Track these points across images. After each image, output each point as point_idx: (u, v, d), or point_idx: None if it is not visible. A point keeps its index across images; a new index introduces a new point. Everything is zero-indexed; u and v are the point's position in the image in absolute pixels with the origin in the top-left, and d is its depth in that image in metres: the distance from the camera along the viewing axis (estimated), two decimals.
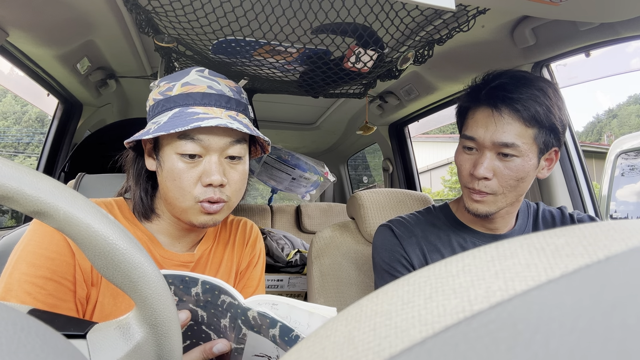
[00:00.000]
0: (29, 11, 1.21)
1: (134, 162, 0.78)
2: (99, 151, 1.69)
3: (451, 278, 0.15)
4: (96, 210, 0.34)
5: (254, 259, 0.87)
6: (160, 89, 0.73)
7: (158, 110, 0.72)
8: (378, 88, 1.97)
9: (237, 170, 0.73)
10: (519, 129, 0.81)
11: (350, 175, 3.32)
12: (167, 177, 0.70)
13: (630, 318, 0.11)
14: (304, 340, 0.16)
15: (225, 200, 0.71)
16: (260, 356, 0.56)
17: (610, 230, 0.15)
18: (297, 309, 0.53)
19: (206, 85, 0.71)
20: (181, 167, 0.69)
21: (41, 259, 0.63)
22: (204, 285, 0.53)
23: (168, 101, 0.71)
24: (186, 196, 0.70)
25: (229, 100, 0.72)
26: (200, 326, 0.58)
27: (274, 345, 0.53)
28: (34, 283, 0.61)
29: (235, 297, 0.52)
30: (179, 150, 0.69)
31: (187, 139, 0.68)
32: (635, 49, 1.48)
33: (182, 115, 0.68)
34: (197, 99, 0.70)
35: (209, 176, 0.69)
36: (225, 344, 0.57)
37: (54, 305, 0.63)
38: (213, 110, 0.70)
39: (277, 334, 0.51)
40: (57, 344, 0.23)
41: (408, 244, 0.95)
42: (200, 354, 0.56)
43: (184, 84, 0.71)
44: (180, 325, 0.40)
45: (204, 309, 0.55)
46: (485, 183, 0.85)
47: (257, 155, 0.84)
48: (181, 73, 0.74)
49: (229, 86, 0.74)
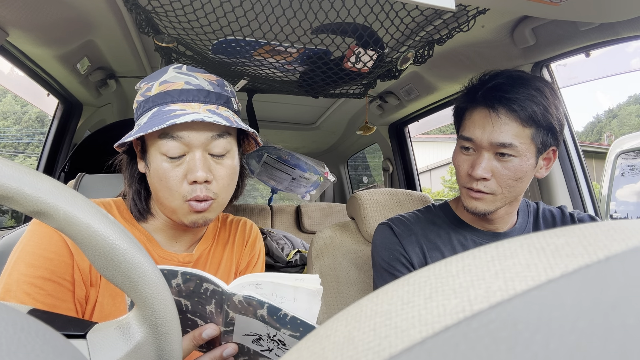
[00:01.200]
0: (29, 11, 1.21)
1: (127, 165, 0.78)
2: (99, 151, 1.69)
3: (451, 278, 0.15)
4: (96, 210, 0.34)
5: (254, 259, 0.87)
6: (141, 90, 0.73)
7: (140, 112, 0.72)
8: (378, 88, 1.97)
9: (223, 165, 0.72)
10: (516, 129, 0.81)
11: (350, 175, 3.32)
12: (154, 178, 0.70)
13: (630, 318, 0.11)
14: (303, 340, 0.16)
15: (213, 197, 0.70)
16: (250, 335, 0.56)
17: (610, 230, 0.15)
18: (282, 285, 0.53)
19: (183, 82, 0.70)
20: (166, 166, 0.69)
21: (40, 259, 0.63)
22: (184, 275, 0.53)
23: (147, 102, 0.71)
24: (174, 195, 0.69)
25: (208, 94, 0.71)
26: (186, 314, 0.58)
27: (263, 324, 0.53)
28: (32, 283, 0.61)
29: (218, 285, 0.52)
30: (162, 149, 0.68)
31: (167, 138, 0.68)
32: (635, 49, 1.48)
33: (160, 114, 0.67)
34: (174, 96, 0.69)
35: (193, 173, 0.68)
36: (214, 329, 0.57)
37: (53, 305, 0.63)
38: (191, 106, 0.69)
39: (265, 313, 0.51)
40: (57, 344, 0.23)
41: (408, 243, 0.95)
42: (190, 342, 0.57)
43: (161, 83, 0.71)
44: (179, 324, 0.40)
45: (188, 299, 0.56)
46: (484, 183, 0.85)
47: (252, 150, 0.82)
48: (159, 72, 0.73)
49: (208, 80, 0.73)
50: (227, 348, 0.58)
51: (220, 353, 0.58)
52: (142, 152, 0.73)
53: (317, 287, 0.54)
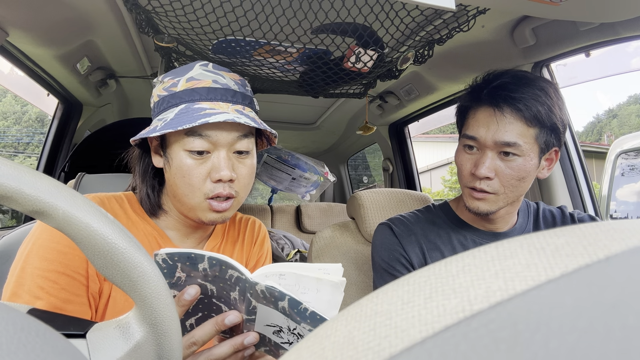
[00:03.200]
0: (29, 11, 1.21)
1: (139, 160, 0.77)
2: (99, 151, 1.69)
3: (451, 278, 0.15)
4: (95, 209, 0.34)
5: (262, 258, 0.88)
6: (165, 85, 0.72)
7: (163, 106, 0.71)
8: (378, 88, 1.97)
9: (245, 164, 0.73)
10: (521, 128, 0.81)
11: (350, 175, 3.32)
12: (175, 174, 0.70)
13: (630, 318, 0.11)
14: (303, 340, 0.16)
15: (234, 195, 0.71)
16: (271, 326, 0.57)
17: (610, 230, 0.15)
18: (305, 276, 0.53)
19: (211, 80, 0.71)
20: (190, 163, 0.69)
21: (53, 252, 0.62)
22: (211, 260, 0.53)
23: (173, 97, 0.70)
24: (195, 193, 0.69)
25: (235, 94, 0.72)
26: (211, 299, 0.58)
27: (284, 316, 0.53)
28: (46, 277, 0.61)
29: (242, 272, 0.53)
30: (187, 147, 0.68)
31: (194, 136, 0.68)
32: (635, 49, 1.49)
33: (189, 112, 0.67)
34: (202, 94, 0.70)
35: (218, 172, 0.68)
36: (236, 316, 0.57)
37: (67, 299, 0.62)
38: (219, 105, 0.69)
39: (286, 305, 0.51)
40: (57, 343, 0.23)
41: (407, 243, 0.95)
42: (212, 327, 0.57)
43: (188, 79, 0.71)
44: (180, 325, 0.40)
45: (213, 283, 0.56)
46: (487, 182, 0.85)
47: (263, 148, 0.83)
48: (185, 68, 0.73)
49: (233, 79, 0.73)
50: (249, 336, 0.58)
51: (242, 341, 0.58)
52: (162, 147, 0.73)
53: (340, 279, 0.54)
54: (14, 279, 0.61)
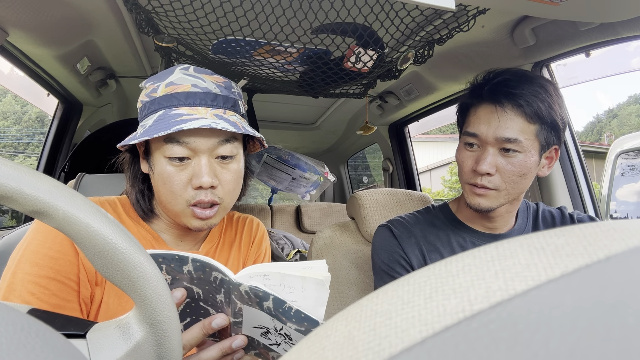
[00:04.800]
0: (29, 11, 1.21)
1: (130, 164, 0.77)
2: (99, 151, 1.69)
3: (451, 278, 0.15)
4: (95, 209, 0.34)
5: (260, 258, 0.87)
6: (147, 90, 0.72)
7: (145, 112, 0.71)
8: (378, 88, 1.97)
9: (229, 169, 0.71)
10: (522, 124, 0.82)
11: (350, 175, 3.32)
12: (158, 181, 0.69)
13: (630, 318, 0.11)
14: (303, 340, 0.16)
15: (218, 202, 0.70)
16: (258, 327, 0.56)
17: (610, 230, 0.15)
18: (289, 275, 0.53)
19: (190, 84, 0.69)
20: (170, 170, 0.68)
21: (44, 258, 0.62)
22: (194, 262, 0.53)
23: (153, 103, 0.69)
24: (177, 199, 0.69)
25: (215, 98, 0.70)
26: (198, 302, 0.58)
27: (270, 317, 0.53)
28: (37, 283, 0.61)
29: (225, 274, 0.52)
30: (167, 153, 0.67)
31: (172, 142, 0.67)
32: (635, 49, 1.48)
33: (166, 118, 0.66)
34: (181, 99, 0.68)
35: (198, 178, 0.67)
36: (223, 319, 0.56)
37: (58, 305, 0.62)
38: (198, 110, 0.67)
39: (271, 306, 0.51)
40: (57, 343, 0.23)
41: (407, 244, 0.95)
42: (199, 330, 0.56)
43: (168, 84, 0.69)
44: (180, 324, 0.40)
45: (199, 286, 0.56)
46: (489, 179, 0.85)
47: (256, 150, 0.81)
48: (166, 72, 0.71)
49: (215, 82, 0.71)
50: (236, 340, 0.57)
51: (230, 344, 0.57)
52: (146, 154, 0.73)
53: (324, 276, 0.54)
54: (5, 284, 0.61)
